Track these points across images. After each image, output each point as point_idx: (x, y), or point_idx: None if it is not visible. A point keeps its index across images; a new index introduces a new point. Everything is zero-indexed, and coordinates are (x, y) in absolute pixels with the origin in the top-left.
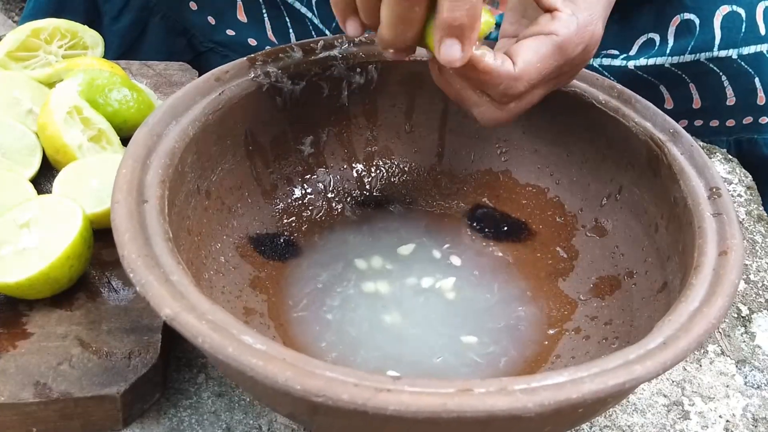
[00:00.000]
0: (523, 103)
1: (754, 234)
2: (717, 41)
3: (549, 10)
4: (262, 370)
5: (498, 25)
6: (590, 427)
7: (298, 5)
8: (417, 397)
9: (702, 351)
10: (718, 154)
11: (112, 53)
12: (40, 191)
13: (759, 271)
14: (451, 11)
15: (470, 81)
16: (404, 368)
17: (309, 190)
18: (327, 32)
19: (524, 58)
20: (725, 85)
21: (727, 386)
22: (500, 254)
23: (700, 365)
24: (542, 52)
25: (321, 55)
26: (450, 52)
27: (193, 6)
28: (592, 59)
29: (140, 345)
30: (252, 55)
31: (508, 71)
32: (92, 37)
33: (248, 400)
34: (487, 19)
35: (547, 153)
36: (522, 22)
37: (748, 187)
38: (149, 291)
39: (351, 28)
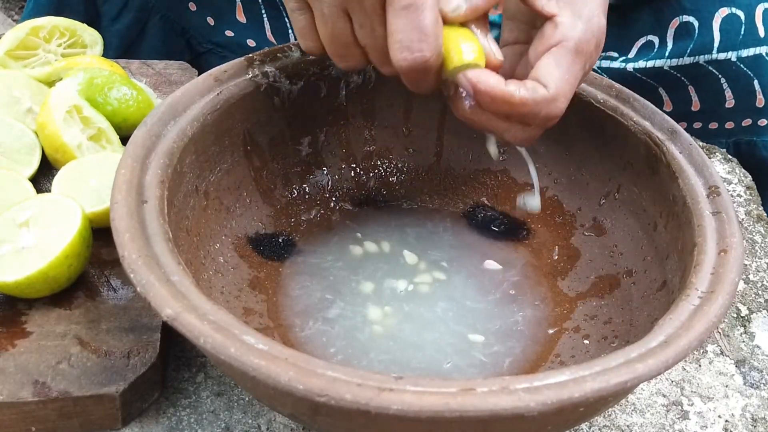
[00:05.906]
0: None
1: (754, 234)
2: (716, 43)
3: (547, 17)
4: (264, 370)
5: (498, 25)
6: (589, 427)
7: None
8: (420, 396)
9: (701, 351)
10: (717, 154)
11: (110, 54)
12: (39, 190)
13: (758, 272)
14: (398, 62)
15: (510, 117)
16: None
17: (307, 190)
18: None
19: (553, 77)
20: (724, 87)
21: (727, 386)
22: (499, 254)
23: (700, 365)
24: (564, 64)
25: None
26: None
27: (193, 6)
28: None
29: (139, 344)
30: (250, 55)
31: (544, 96)
32: (91, 36)
33: (247, 399)
34: (475, 49)
35: (545, 152)
36: (521, 28)
37: (748, 187)
38: (150, 291)
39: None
